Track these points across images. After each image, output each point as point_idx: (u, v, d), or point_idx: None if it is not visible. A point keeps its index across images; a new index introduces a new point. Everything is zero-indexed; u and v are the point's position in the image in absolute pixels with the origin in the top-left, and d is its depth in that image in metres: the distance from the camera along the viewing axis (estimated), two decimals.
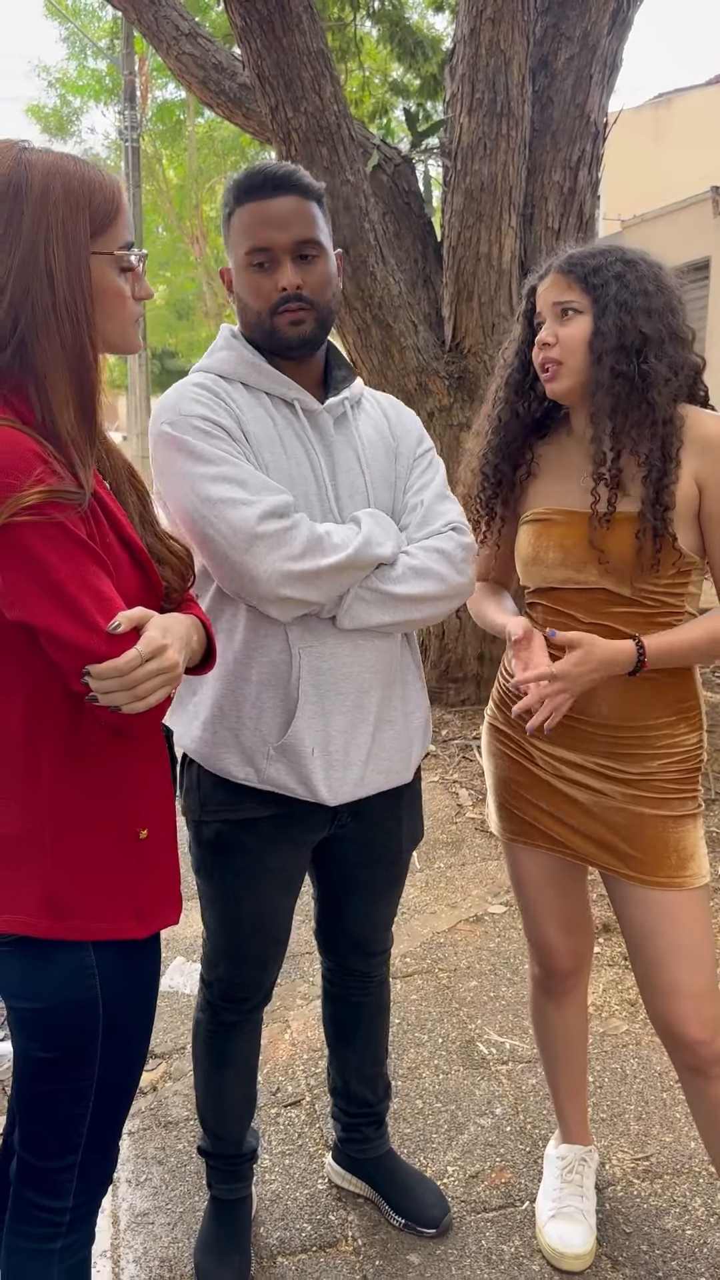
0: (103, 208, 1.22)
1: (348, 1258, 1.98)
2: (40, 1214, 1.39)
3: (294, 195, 1.59)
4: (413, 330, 4.63)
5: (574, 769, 1.77)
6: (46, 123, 18.62)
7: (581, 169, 4.70)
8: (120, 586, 1.24)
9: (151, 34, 5.50)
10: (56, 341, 1.20)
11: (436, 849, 3.74)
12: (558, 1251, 1.93)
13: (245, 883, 1.74)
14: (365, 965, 2.00)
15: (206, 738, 1.67)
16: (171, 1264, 1.97)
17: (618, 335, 1.62)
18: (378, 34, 10.03)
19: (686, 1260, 1.95)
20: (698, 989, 1.71)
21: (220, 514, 1.51)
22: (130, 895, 1.30)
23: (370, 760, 1.68)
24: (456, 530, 1.68)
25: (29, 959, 1.27)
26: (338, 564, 1.52)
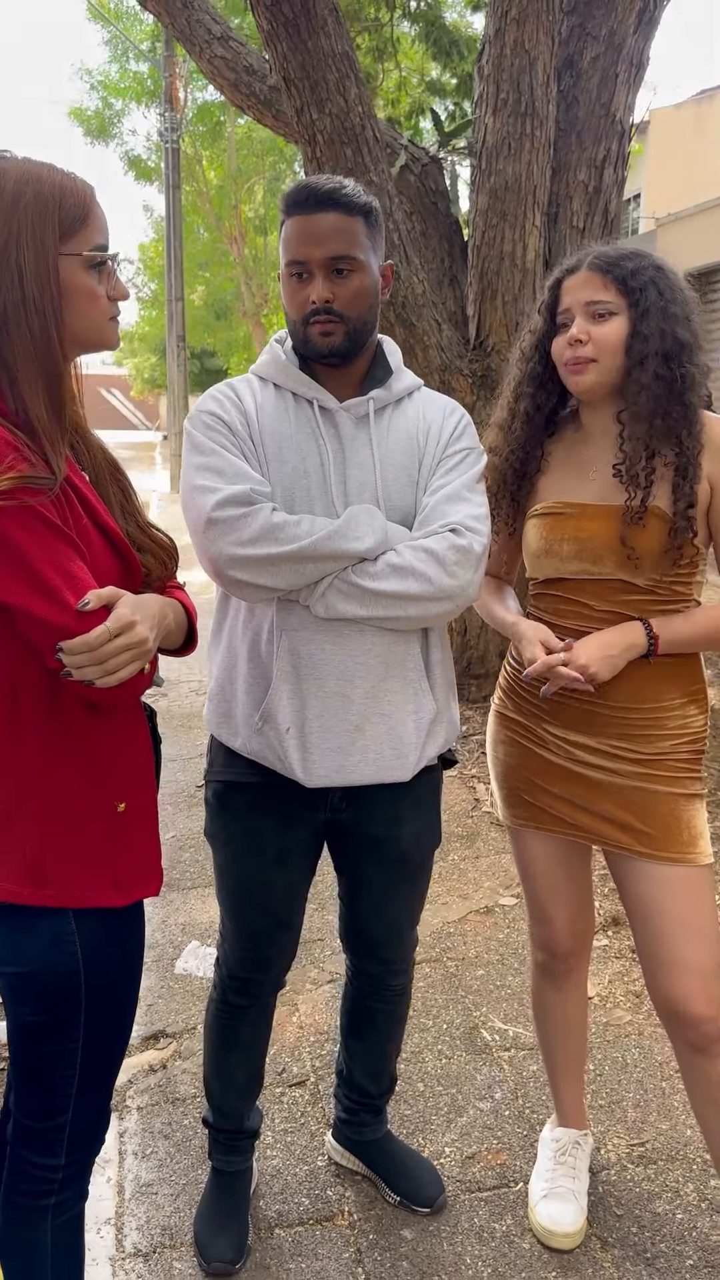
0: (72, 211, 1.29)
1: (343, 1231, 2.03)
2: (34, 1171, 1.46)
3: (336, 212, 1.64)
4: (436, 329, 4.67)
5: (588, 751, 1.82)
6: (89, 125, 18.84)
7: (607, 168, 4.71)
8: (96, 569, 1.30)
9: (185, 38, 5.59)
10: (26, 336, 1.27)
11: (451, 841, 3.78)
12: (547, 1230, 1.97)
13: (237, 845, 1.82)
14: (380, 971, 2.02)
15: (212, 708, 1.80)
16: (172, 1232, 2.04)
17: (659, 339, 1.68)
18: (414, 33, 10.05)
19: (675, 1243, 1.98)
20: (703, 965, 1.75)
21: (193, 498, 1.61)
22: (109, 865, 1.36)
23: (353, 749, 1.71)
24: (454, 531, 1.67)
25: (13, 926, 1.33)
26: (292, 553, 1.57)
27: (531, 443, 1.88)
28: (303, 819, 1.81)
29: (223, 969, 1.94)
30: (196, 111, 17.77)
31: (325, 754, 1.71)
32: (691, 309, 1.72)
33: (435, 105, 10.91)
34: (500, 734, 1.96)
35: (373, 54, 9.94)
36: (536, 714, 1.87)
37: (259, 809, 1.80)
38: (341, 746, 1.71)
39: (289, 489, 1.66)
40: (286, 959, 1.93)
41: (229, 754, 1.80)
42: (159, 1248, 2.01)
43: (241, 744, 1.75)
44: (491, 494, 1.92)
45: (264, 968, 1.91)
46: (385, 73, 10.40)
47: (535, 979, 2.08)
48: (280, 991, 2.01)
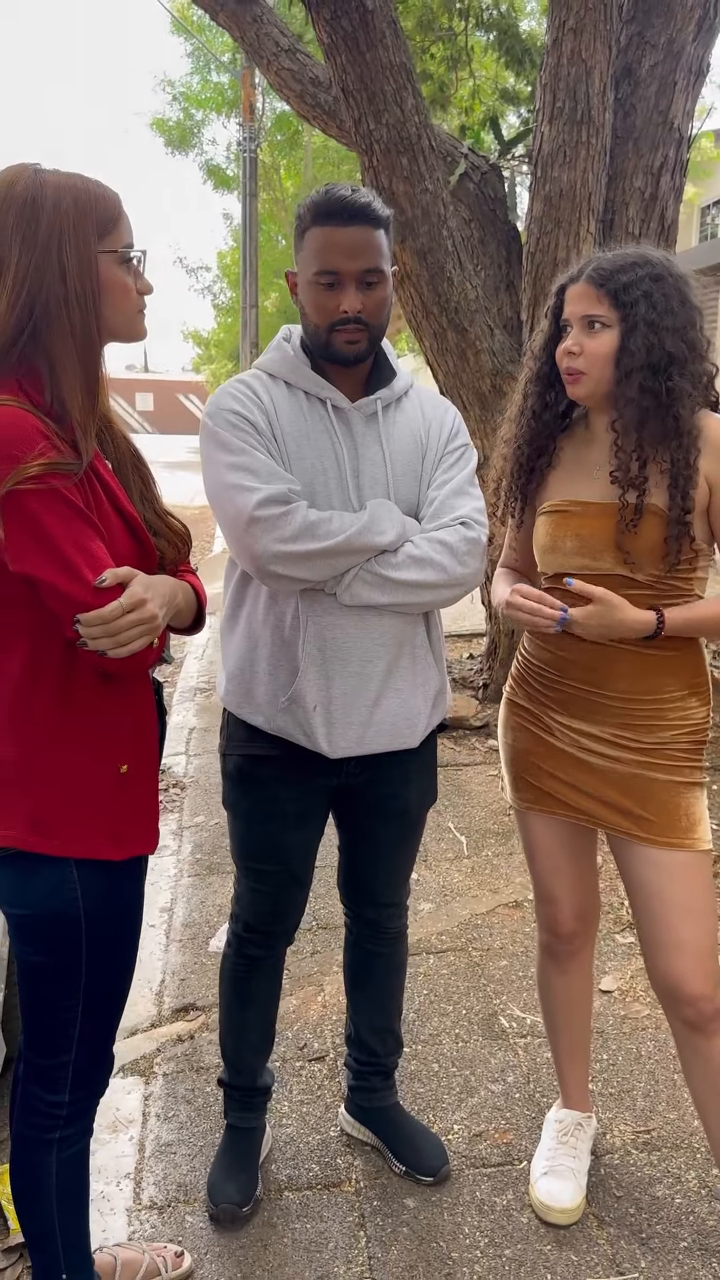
0: (106, 213, 1.41)
1: (349, 1197, 2.12)
2: (41, 1106, 1.58)
3: (365, 226, 1.73)
4: (488, 334, 4.73)
5: (591, 739, 1.88)
6: (170, 135, 19.23)
7: (664, 174, 4.72)
8: (113, 549, 1.42)
9: (253, 50, 5.73)
10: (66, 329, 1.39)
11: (486, 838, 3.84)
12: (545, 1205, 2.03)
13: (259, 811, 1.94)
14: (377, 915, 2.14)
15: (232, 688, 1.90)
16: (187, 1189, 2.14)
17: (645, 354, 1.73)
18: (486, 42, 10.10)
19: (671, 1225, 2.03)
20: (698, 946, 1.81)
21: (230, 497, 1.70)
22: (109, 821, 1.48)
23: (372, 722, 1.83)
24: (464, 524, 1.80)
25: (20, 871, 1.45)
26: (328, 549, 1.68)
27: (540, 437, 1.94)
28: (319, 785, 1.93)
29: (239, 923, 2.06)
30: (275, 121, 18.03)
31: (347, 728, 1.82)
32: (687, 317, 1.75)
33: (509, 113, 10.95)
34: (510, 720, 2.03)
35: (446, 63, 10.00)
36: (544, 702, 1.94)
37: (280, 779, 1.92)
38: (362, 720, 1.82)
39: (309, 485, 1.76)
40: (298, 913, 2.06)
41: (249, 729, 1.91)
42: (173, 1202, 2.11)
43: (264, 721, 1.86)
44: (497, 483, 2.00)
45: (280, 920, 2.04)
46: (459, 81, 10.46)
47: (541, 960, 2.15)
48: (306, 971, 2.12)
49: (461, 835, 3.89)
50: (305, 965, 2.97)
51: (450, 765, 4.58)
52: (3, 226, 1.36)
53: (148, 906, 3.33)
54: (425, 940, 3.11)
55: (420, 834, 2.13)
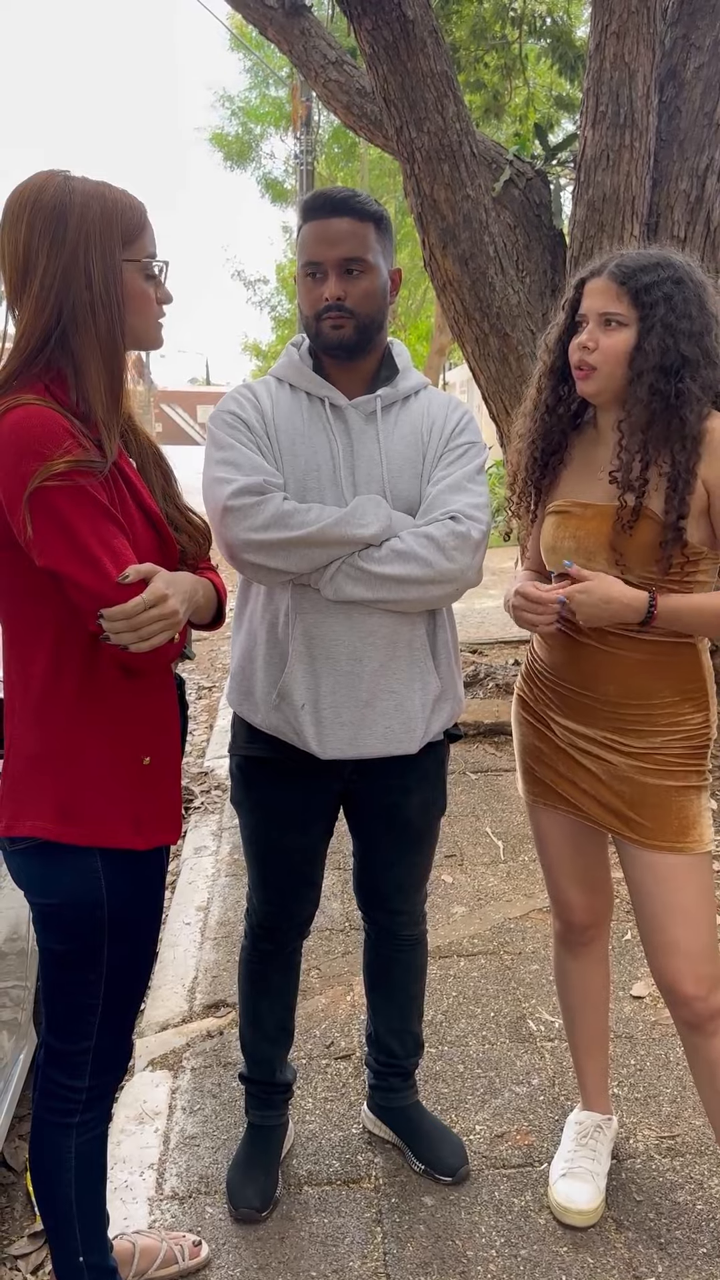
0: (132, 223, 1.45)
1: (367, 1193, 2.13)
2: (61, 1091, 1.62)
3: (349, 218, 1.78)
4: (530, 339, 4.73)
5: (585, 740, 1.89)
6: (229, 149, 19.50)
7: (710, 177, 4.67)
8: (136, 545, 1.46)
9: (301, 63, 5.81)
10: (92, 333, 1.43)
11: (524, 842, 3.82)
12: (563, 1206, 2.03)
13: (262, 815, 1.96)
14: (390, 923, 2.15)
15: (234, 686, 1.93)
16: (209, 1181, 2.17)
17: (660, 355, 1.73)
18: (540, 50, 10.08)
19: (691, 1231, 2.00)
20: (691, 948, 1.80)
21: (211, 489, 1.76)
22: (132, 812, 1.51)
23: (364, 723, 1.83)
24: (454, 519, 1.78)
25: (46, 861, 1.49)
26: (300, 538, 1.70)
27: (554, 433, 1.93)
28: (318, 789, 1.94)
29: (252, 918, 2.09)
30: (331, 133, 18.19)
31: (338, 728, 1.83)
32: (704, 322, 1.74)
33: (564, 119, 10.91)
34: (519, 715, 2.04)
35: (500, 71, 9.99)
36: (545, 702, 1.95)
37: (279, 782, 1.94)
38: (353, 721, 1.82)
39: (302, 480, 1.79)
40: (309, 909, 2.08)
41: (250, 730, 1.93)
42: (195, 1193, 2.14)
43: (261, 719, 1.88)
44: (515, 478, 2.00)
45: (288, 917, 2.06)
46: (514, 90, 10.44)
47: (555, 949, 2.16)
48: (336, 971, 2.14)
49: (499, 840, 3.88)
50: (336, 965, 2.99)
51: (490, 770, 4.57)
52: (31, 232, 1.41)
53: (184, 905, 3.39)
54: (457, 943, 3.11)
55: (431, 844, 2.12)
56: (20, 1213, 2.19)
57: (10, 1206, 2.20)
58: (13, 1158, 2.31)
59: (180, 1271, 1.92)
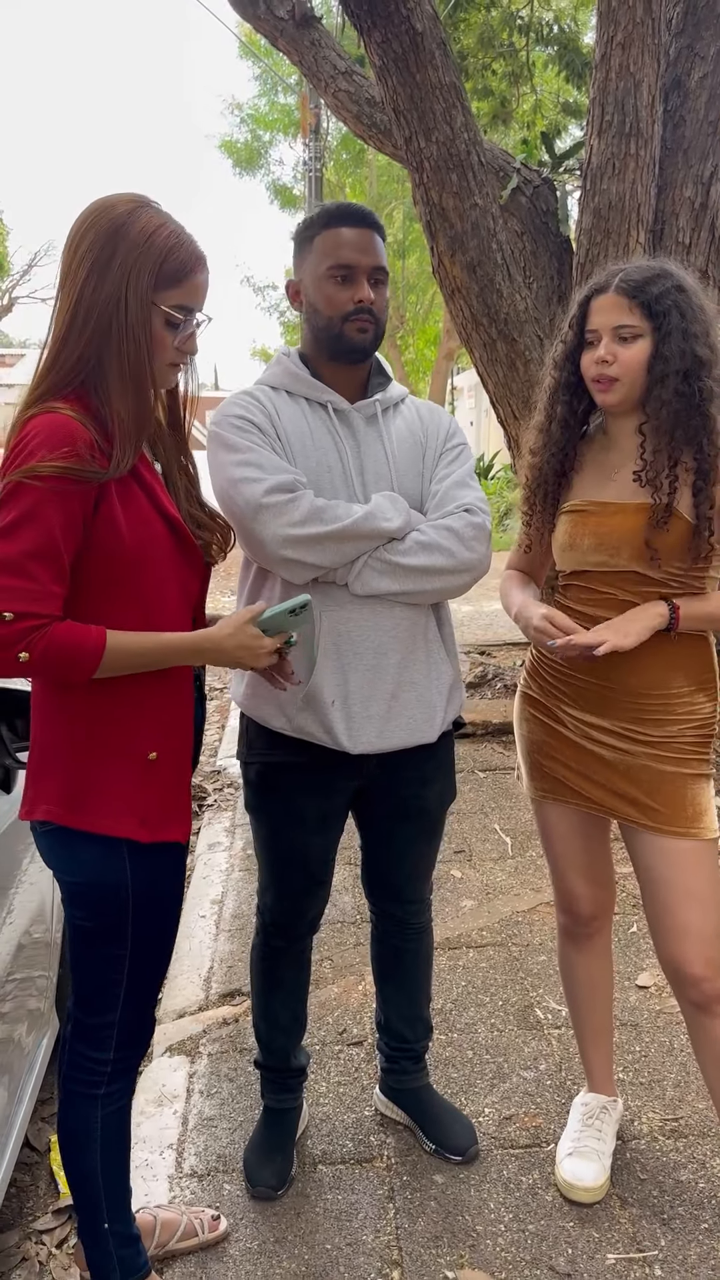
0: (172, 268, 1.52)
1: (380, 1172, 2.20)
2: (87, 1064, 1.70)
3: (372, 230, 1.89)
4: (538, 344, 4.80)
5: (601, 732, 1.96)
6: (238, 156, 19.63)
7: (714, 184, 4.74)
8: (155, 547, 1.54)
9: (311, 74, 5.90)
10: (122, 356, 1.51)
11: (531, 839, 3.89)
12: (569, 1184, 2.09)
13: (281, 821, 2.01)
14: (400, 911, 2.22)
15: (249, 692, 1.97)
16: (226, 1160, 2.24)
17: (680, 360, 1.82)
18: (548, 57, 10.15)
19: (693, 1208, 2.07)
20: (702, 930, 1.87)
21: (238, 490, 1.80)
22: (137, 804, 1.59)
23: (390, 716, 1.91)
24: (469, 511, 1.89)
25: (64, 843, 1.58)
26: (335, 532, 1.77)
27: (568, 444, 2.02)
28: (341, 788, 2.00)
29: (265, 916, 2.14)
30: (340, 140, 18.31)
31: (367, 722, 1.90)
32: (711, 324, 1.84)
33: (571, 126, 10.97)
34: (524, 712, 2.11)
35: (508, 79, 10.06)
36: (557, 696, 2.01)
37: (303, 786, 1.99)
38: (380, 714, 1.90)
39: (314, 481, 1.86)
40: (320, 907, 2.14)
41: (269, 736, 1.97)
42: (213, 1171, 2.21)
43: (285, 723, 1.92)
44: (530, 492, 2.07)
45: (299, 916, 2.12)
46: (521, 97, 10.51)
47: (561, 942, 2.22)
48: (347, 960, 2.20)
49: (506, 836, 3.95)
50: (348, 956, 3.06)
51: (499, 769, 4.64)
52: (79, 244, 1.49)
53: (199, 898, 3.47)
54: (466, 935, 3.18)
55: (440, 832, 2.20)
56: (44, 1190, 2.26)
57: (35, 1185, 2.28)
58: (36, 1139, 2.38)
59: (200, 1244, 1.99)
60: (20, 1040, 2.13)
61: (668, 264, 1.89)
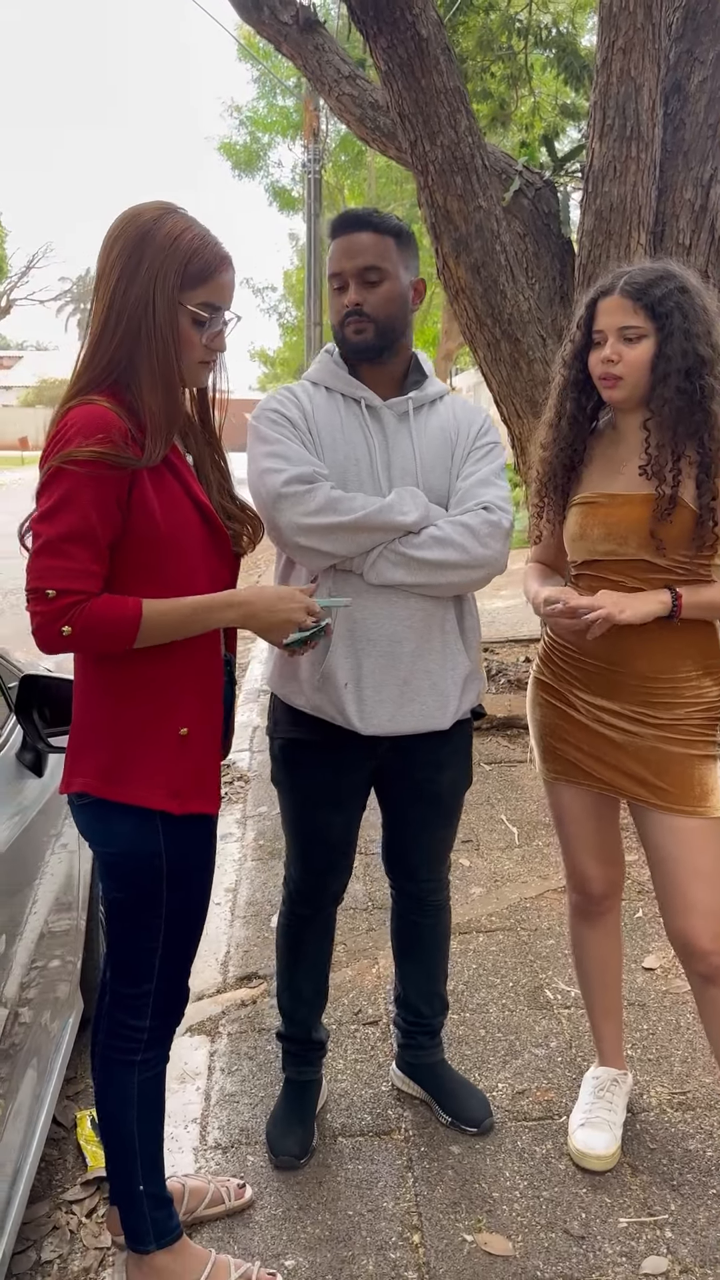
0: (196, 270, 1.60)
1: (398, 1143, 2.27)
2: (125, 1031, 1.78)
3: (367, 231, 1.96)
4: (541, 343, 4.88)
5: (612, 715, 2.04)
6: (237, 159, 19.71)
7: (714, 186, 4.83)
8: (187, 535, 1.63)
9: (315, 78, 5.99)
10: (151, 354, 1.59)
11: (538, 829, 3.97)
12: (582, 1152, 2.17)
13: (302, 795, 2.11)
14: (417, 890, 2.30)
15: (275, 672, 2.08)
16: (249, 1133, 2.32)
17: (681, 358, 1.91)
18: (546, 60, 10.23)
19: (701, 1175, 2.15)
20: (710, 905, 1.96)
21: (263, 480, 1.91)
22: (169, 778, 1.67)
23: (403, 701, 1.99)
24: (486, 509, 1.97)
25: (100, 815, 1.66)
26: (348, 523, 1.86)
27: (577, 440, 2.10)
28: (357, 767, 2.09)
29: (290, 886, 2.24)
30: (339, 142, 18.40)
31: (378, 706, 1.98)
32: (712, 324, 1.92)
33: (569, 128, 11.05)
34: (537, 697, 2.18)
35: (506, 81, 10.14)
36: (568, 681, 2.09)
37: (320, 762, 2.09)
38: (392, 699, 1.98)
39: (341, 473, 1.95)
40: (343, 879, 2.23)
41: (293, 714, 2.08)
42: (236, 1144, 2.29)
43: (304, 701, 2.03)
44: (543, 484, 2.15)
45: (324, 887, 2.21)
46: (520, 99, 10.59)
47: (572, 920, 2.29)
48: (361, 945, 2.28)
49: (513, 826, 4.03)
50: (361, 940, 3.14)
51: (504, 761, 4.72)
52: (110, 250, 1.58)
53: (214, 887, 3.53)
54: (475, 920, 3.26)
55: (457, 816, 2.28)
56: (72, 1164, 2.34)
57: (63, 1159, 2.35)
58: (62, 1116, 2.45)
59: (227, 1210, 2.06)
60: (48, 1024, 2.20)
61: (671, 266, 1.97)
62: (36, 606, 1.51)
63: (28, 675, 2.10)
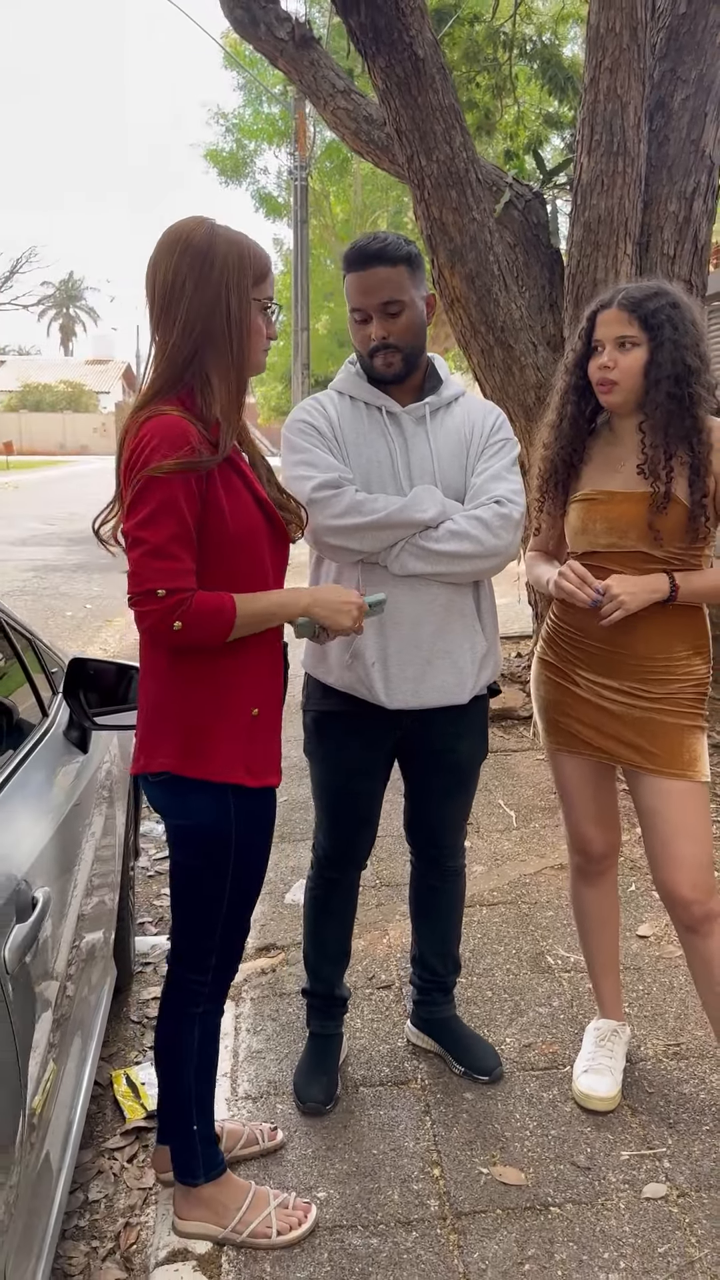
0: (259, 267, 1.80)
1: (415, 1092, 2.46)
2: (188, 985, 1.96)
3: (381, 266, 2.14)
4: (532, 350, 5.09)
5: (611, 691, 2.23)
6: (223, 165, 19.89)
7: (696, 199, 5.05)
8: (248, 523, 1.81)
9: (311, 92, 6.18)
10: (226, 356, 1.78)
11: (534, 812, 4.17)
12: (585, 1094, 2.36)
13: (333, 763, 2.30)
14: (437, 855, 2.49)
15: (308, 650, 2.27)
16: (276, 1085, 2.50)
17: (671, 366, 2.11)
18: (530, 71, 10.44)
19: (696, 1114, 2.34)
20: (692, 859, 2.16)
21: (294, 486, 2.10)
22: (244, 755, 1.85)
23: (424, 678, 2.19)
24: (498, 503, 2.16)
25: (176, 791, 1.83)
26: (371, 522, 2.06)
27: (577, 440, 2.29)
28: (382, 738, 2.28)
29: (319, 851, 2.42)
30: (324, 149, 18.61)
31: (402, 682, 2.17)
32: (700, 337, 2.13)
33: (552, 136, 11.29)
34: (542, 676, 2.38)
35: (491, 91, 10.35)
36: (571, 660, 2.29)
37: (348, 733, 2.28)
38: (415, 676, 2.17)
39: (366, 475, 2.14)
40: (368, 845, 2.41)
41: (324, 689, 2.28)
42: (265, 1094, 2.47)
43: (335, 679, 2.22)
44: (544, 480, 2.35)
45: (350, 853, 2.40)
46: (504, 108, 10.81)
47: (573, 881, 2.49)
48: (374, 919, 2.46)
49: (511, 810, 4.22)
50: (372, 915, 3.32)
51: (501, 751, 4.91)
52: (179, 268, 1.74)
53: None
54: (479, 895, 3.45)
55: (474, 785, 2.47)
56: (110, 1117, 2.51)
57: (101, 1113, 2.53)
58: (99, 1075, 2.62)
59: (261, 1150, 2.24)
60: (89, 993, 2.37)
61: (665, 284, 2.19)
62: (149, 606, 1.69)
63: (76, 659, 2.27)
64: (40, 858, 1.77)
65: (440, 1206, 2.10)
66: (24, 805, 1.85)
